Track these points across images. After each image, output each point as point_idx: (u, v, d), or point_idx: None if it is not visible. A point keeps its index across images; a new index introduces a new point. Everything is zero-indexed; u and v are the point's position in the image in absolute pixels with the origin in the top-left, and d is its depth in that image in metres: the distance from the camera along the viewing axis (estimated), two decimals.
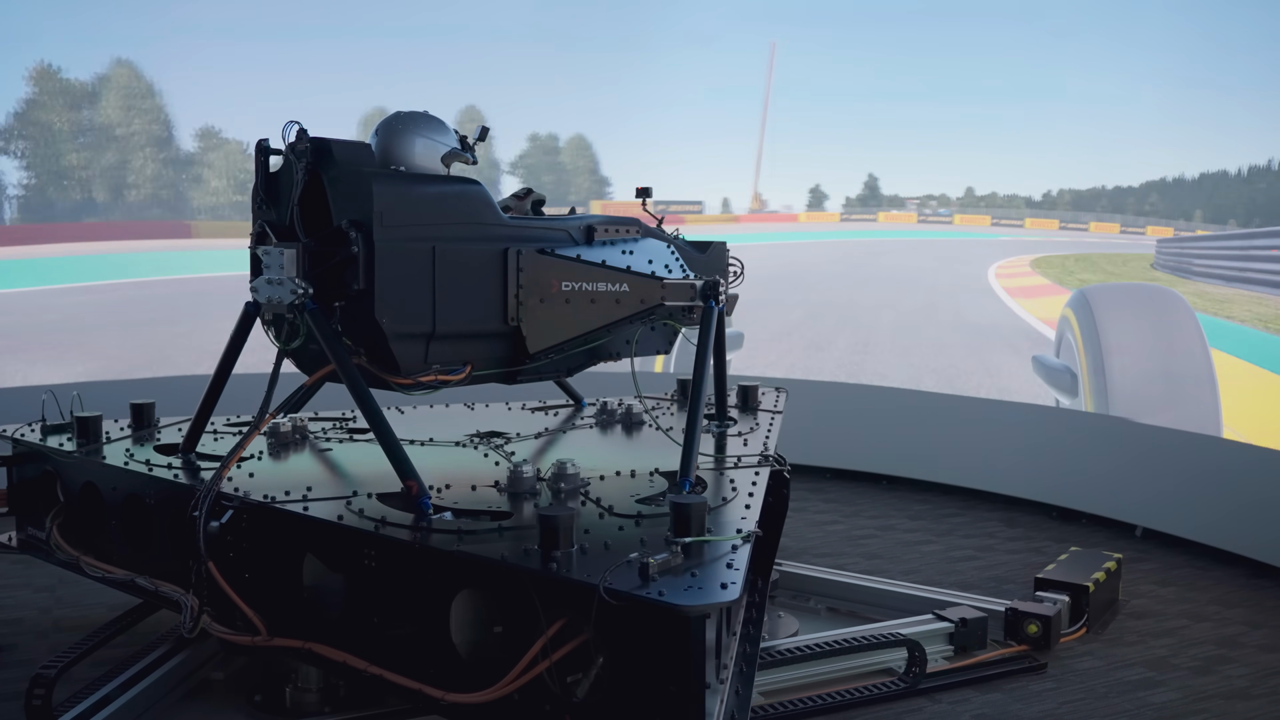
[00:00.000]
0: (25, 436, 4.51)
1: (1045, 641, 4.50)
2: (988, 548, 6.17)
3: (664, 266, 4.33)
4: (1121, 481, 6.64)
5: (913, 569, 5.69)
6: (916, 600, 4.81)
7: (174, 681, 3.91)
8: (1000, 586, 5.37)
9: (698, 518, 2.86)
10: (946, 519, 6.82)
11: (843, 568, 5.51)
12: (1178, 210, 11.96)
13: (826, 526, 6.62)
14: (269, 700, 3.85)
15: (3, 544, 4.70)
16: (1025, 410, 7.59)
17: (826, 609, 5.02)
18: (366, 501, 3.39)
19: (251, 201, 3.89)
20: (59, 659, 3.78)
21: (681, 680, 2.57)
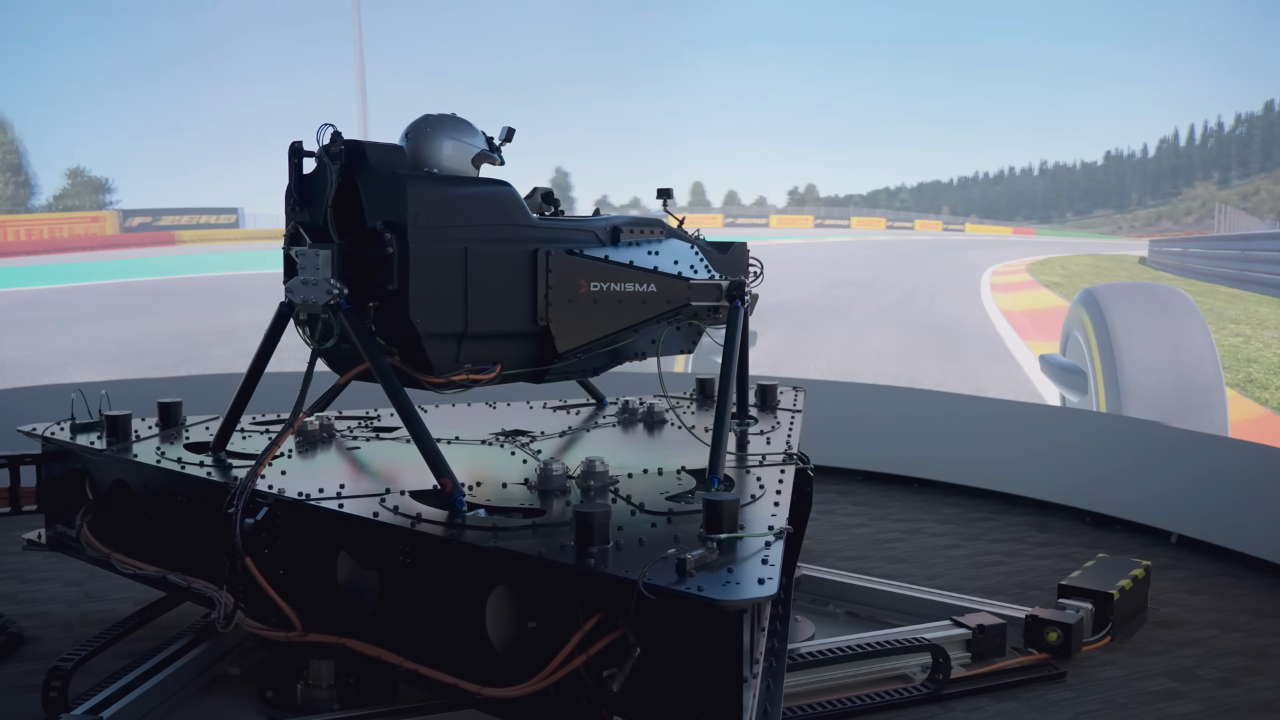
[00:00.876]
0: (55, 435, 4.57)
1: (1066, 650, 4.42)
2: (1016, 553, 6.07)
3: (689, 267, 4.39)
4: (1157, 487, 6.51)
5: (937, 574, 5.62)
6: (935, 606, 4.75)
7: (190, 675, 3.97)
8: (1025, 593, 5.28)
9: (730, 515, 2.91)
10: (976, 523, 6.73)
11: (865, 571, 5.45)
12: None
13: (853, 530, 6.57)
14: (280, 696, 3.89)
15: (32, 541, 4.77)
16: (1060, 414, 7.48)
17: (845, 613, 4.97)
18: (400, 499, 3.44)
19: (285, 203, 3.95)
20: (76, 652, 3.86)
21: (719, 674, 2.60)
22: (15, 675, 4.19)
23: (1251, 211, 19.70)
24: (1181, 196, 24.07)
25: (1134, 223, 24.59)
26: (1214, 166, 22.69)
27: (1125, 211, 24.40)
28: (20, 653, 4.46)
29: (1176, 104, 16.60)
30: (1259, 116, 20.03)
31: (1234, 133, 20.80)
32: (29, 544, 4.79)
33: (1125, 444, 6.81)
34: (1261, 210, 19.27)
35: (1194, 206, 23.07)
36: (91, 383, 5.04)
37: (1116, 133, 20.57)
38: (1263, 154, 20.21)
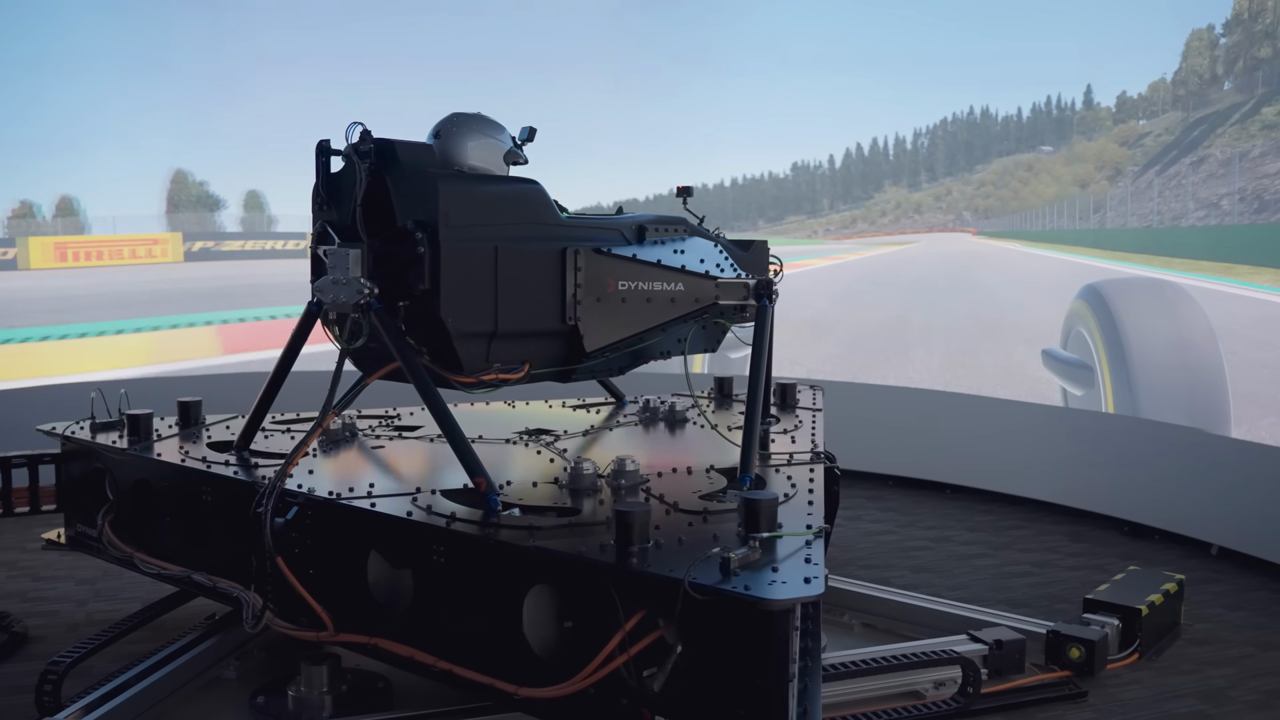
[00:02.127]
0: (75, 434, 4.56)
1: (1089, 667, 4.22)
2: (1046, 563, 5.86)
3: (715, 265, 4.37)
4: (1198, 496, 6.25)
5: (961, 584, 5.44)
6: (954, 619, 4.57)
7: (184, 678, 3.92)
8: (1053, 606, 5.08)
9: (769, 514, 2.87)
10: (1007, 531, 6.52)
11: (886, 581, 5.28)
12: None
13: (879, 537, 6.39)
14: (271, 702, 3.83)
15: (52, 540, 4.75)
16: (1097, 419, 7.23)
17: (861, 625, 4.81)
18: (432, 498, 3.41)
19: (311, 202, 3.92)
20: (70, 653, 3.85)
21: (765, 674, 2.57)
22: (14, 675, 4.18)
23: (945, 210, 26.08)
24: (874, 200, 28.77)
25: (829, 225, 28.68)
26: (903, 172, 28.34)
27: (818, 216, 28.46)
28: (23, 652, 4.45)
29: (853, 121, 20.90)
30: (938, 127, 27.03)
31: (918, 143, 27.80)
32: (48, 543, 4.78)
33: (1165, 451, 6.55)
34: (957, 208, 25.23)
35: (889, 208, 28.31)
36: (109, 381, 5.03)
37: (802, 147, 25.37)
38: (947, 160, 26.85)
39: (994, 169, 24.39)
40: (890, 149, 29.17)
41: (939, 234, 25.47)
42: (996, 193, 24.29)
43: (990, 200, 24.72)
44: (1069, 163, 20.95)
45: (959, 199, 25.97)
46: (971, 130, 25.19)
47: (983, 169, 25.42)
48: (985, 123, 24.54)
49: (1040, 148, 21.92)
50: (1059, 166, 21.81)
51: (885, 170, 28.96)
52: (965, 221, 25.80)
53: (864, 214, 28.38)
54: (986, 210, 25.05)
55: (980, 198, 25.36)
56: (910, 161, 28.26)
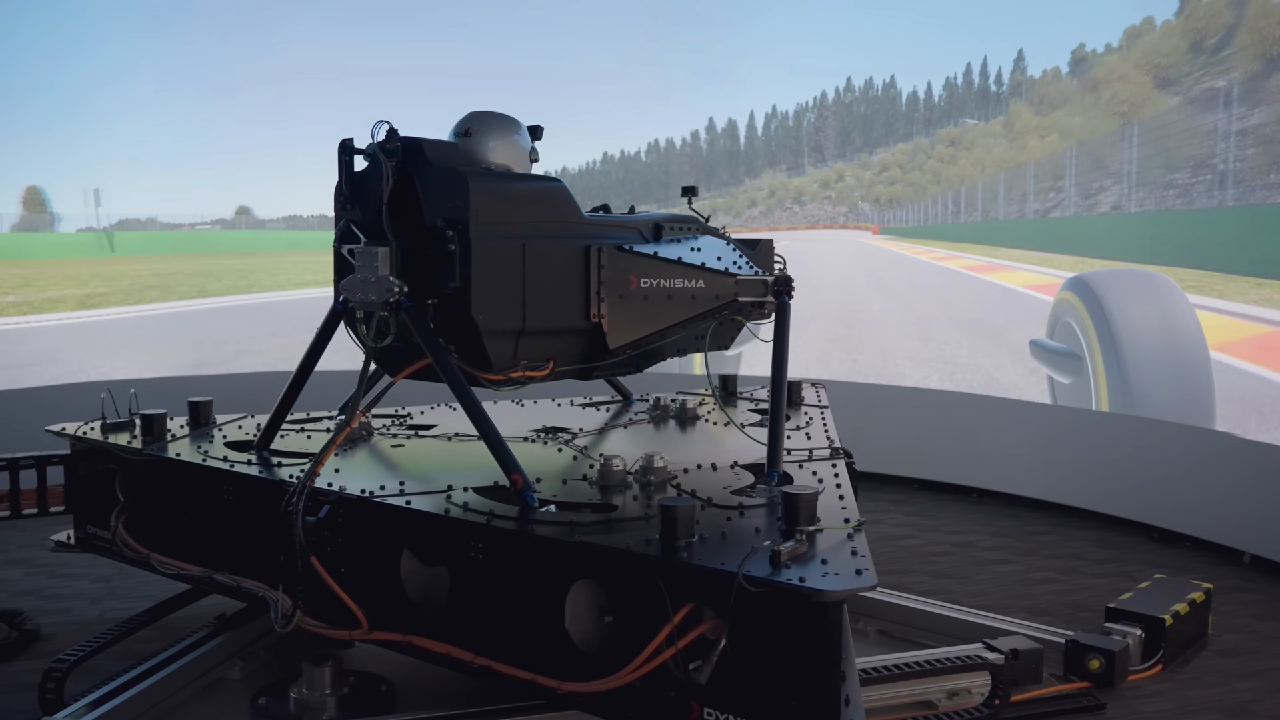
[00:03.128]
0: (87, 435, 4.53)
1: (1109, 678, 4.10)
2: (1072, 570, 5.73)
3: (732, 263, 4.37)
4: (1230, 502, 6.08)
5: (982, 591, 5.33)
6: (970, 626, 4.46)
7: (187, 678, 3.90)
8: (1076, 614, 4.96)
9: (809, 508, 2.89)
10: (1032, 537, 6.39)
11: (905, 587, 5.17)
12: None
13: (900, 541, 6.28)
14: (273, 703, 3.80)
15: (61, 542, 4.75)
16: (1128, 423, 7.06)
17: (876, 632, 4.71)
18: (467, 495, 3.41)
19: (334, 200, 3.91)
20: (73, 652, 3.86)
21: (819, 666, 2.59)
22: (24, 673, 4.17)
23: (836, 200, 21.58)
24: (744, 186, 23.67)
25: None
26: (782, 154, 22.93)
27: (669, 204, 24.49)
28: (34, 649, 4.47)
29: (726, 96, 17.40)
30: (830, 102, 21.88)
31: (802, 120, 22.50)
32: (58, 545, 4.78)
33: (1197, 455, 6.38)
34: (851, 198, 21.68)
35: (760, 196, 23.43)
36: (119, 380, 5.03)
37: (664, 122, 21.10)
38: (840, 140, 21.77)
39: (902, 150, 20.14)
40: (766, 126, 23.22)
41: (824, 230, 21.19)
42: (905, 177, 20.06)
43: (896, 188, 20.44)
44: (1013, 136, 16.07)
45: (853, 186, 21.52)
46: (872, 105, 20.79)
47: (886, 151, 20.89)
48: (889, 97, 20.25)
49: (963, 120, 18.08)
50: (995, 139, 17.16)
51: (759, 151, 23.30)
52: (862, 215, 21.48)
53: (728, 203, 22.81)
54: (891, 200, 20.95)
55: (882, 184, 20.78)
56: (791, 141, 22.80)
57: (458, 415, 4.89)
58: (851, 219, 21.96)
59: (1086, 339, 8.30)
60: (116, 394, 4.69)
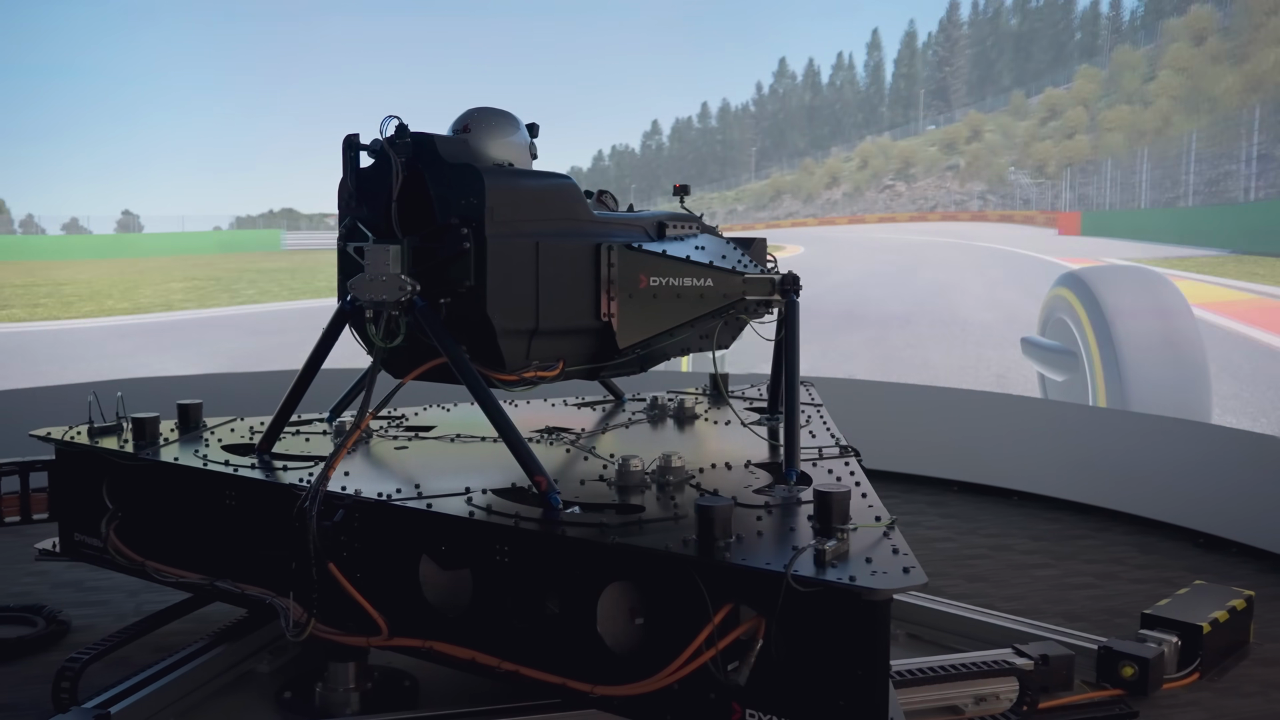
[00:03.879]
0: (74, 439, 4.37)
1: (1143, 687, 4.01)
2: (1110, 575, 5.62)
3: (737, 262, 4.31)
4: (1277, 508, 5.93)
5: (1016, 595, 5.24)
6: (1002, 631, 4.39)
7: (213, 672, 3.95)
8: (1112, 620, 4.86)
9: (841, 506, 2.86)
10: (1072, 541, 6.27)
11: (938, 591, 5.08)
12: None
13: (935, 544, 6.20)
14: (298, 698, 3.84)
15: (46, 550, 4.59)
16: (1173, 425, 6.92)
17: (906, 635, 4.65)
18: (488, 497, 3.39)
19: (338, 197, 3.84)
20: (89, 649, 3.89)
21: (868, 664, 2.58)
22: (52, 665, 4.22)
23: (966, 171, 14.13)
24: (830, 154, 16.95)
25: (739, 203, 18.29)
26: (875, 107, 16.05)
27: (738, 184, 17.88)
28: (65, 642, 4.54)
29: None
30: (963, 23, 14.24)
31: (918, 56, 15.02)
32: (42, 554, 4.61)
33: (1244, 459, 6.24)
34: (994, 166, 13.63)
35: (848, 170, 16.82)
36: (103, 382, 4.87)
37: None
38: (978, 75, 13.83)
39: (1088, 78, 11.71)
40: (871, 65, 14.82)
41: (947, 223, 13.07)
42: (1103, 118, 11.32)
43: (1076, 144, 11.82)
44: None
45: (997, 146, 12.54)
46: (1030, 19, 12.44)
47: (1060, 84, 12.47)
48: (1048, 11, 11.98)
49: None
50: None
51: (852, 105, 15.32)
52: (1016, 195, 12.54)
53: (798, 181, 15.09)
54: (1073, 162, 12.25)
55: (1053, 137, 12.08)
56: (900, 85, 14.38)
57: (454, 416, 4.92)
58: (996, 202, 13.16)
59: (1083, 336, 8.19)
60: (103, 396, 4.49)
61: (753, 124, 15.97)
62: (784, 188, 15.44)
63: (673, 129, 17.88)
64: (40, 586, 5.23)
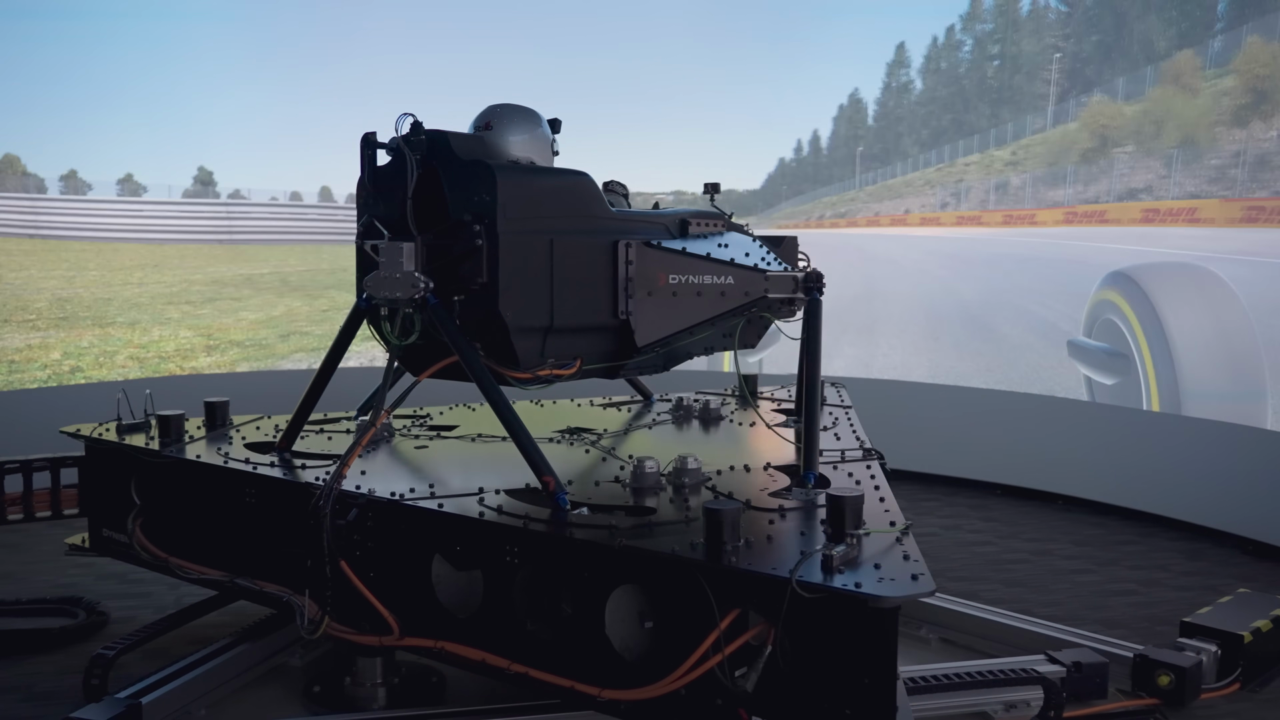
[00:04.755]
0: (102, 436, 4.43)
1: (1180, 696, 3.92)
2: (1154, 582, 5.50)
3: (761, 259, 4.29)
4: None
5: (1055, 601, 5.15)
6: (1036, 638, 4.31)
7: (245, 665, 4.01)
8: (1153, 628, 4.76)
9: (855, 511, 2.85)
10: (1116, 546, 6.15)
11: (974, 595, 5.03)
12: None
13: (975, 548, 6.12)
14: (326, 692, 3.88)
15: (75, 545, 4.64)
16: (1223, 430, 6.76)
17: (939, 640, 4.59)
18: (500, 498, 3.39)
19: (356, 195, 3.86)
20: (120, 641, 4.00)
21: (875, 672, 2.55)
22: (90, 655, 4.32)
23: None
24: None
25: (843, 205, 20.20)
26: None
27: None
28: (104, 633, 4.63)
29: None
30: None
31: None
32: (71, 549, 4.67)
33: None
34: None
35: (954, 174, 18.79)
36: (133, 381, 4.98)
37: None
38: None
39: None
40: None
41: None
42: None
43: None
44: None
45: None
46: None
47: None
48: None
49: None
50: None
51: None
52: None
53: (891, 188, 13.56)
54: None
55: None
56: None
57: (478, 416, 4.91)
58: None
59: (1133, 337, 7.99)
60: (133, 395, 4.57)
61: (1058, 27, 10.78)
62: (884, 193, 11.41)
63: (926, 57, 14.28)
64: (85, 579, 5.34)
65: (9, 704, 3.94)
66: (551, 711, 3.41)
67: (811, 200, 22.35)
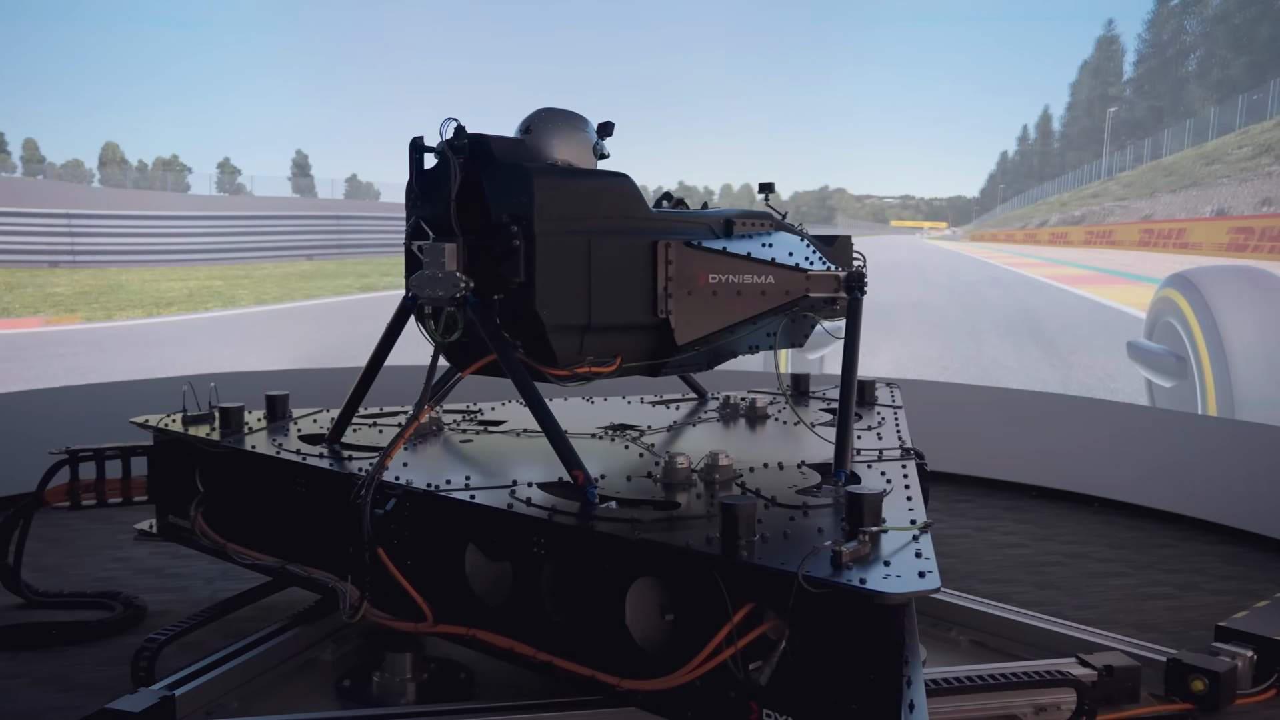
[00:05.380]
0: (168, 426, 4.66)
1: (1214, 701, 3.87)
2: (1191, 586, 5.43)
3: (804, 259, 4.30)
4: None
5: (1089, 604, 5.09)
6: (1068, 640, 4.27)
7: (278, 659, 4.06)
8: (1188, 633, 4.70)
9: (874, 508, 2.86)
10: (1153, 550, 6.07)
11: (1006, 597, 4.99)
12: None
13: (1008, 550, 6.06)
14: (356, 687, 3.92)
15: (143, 531, 4.89)
16: (1263, 432, 6.65)
17: (969, 642, 4.56)
18: (531, 490, 3.48)
19: (405, 197, 3.99)
20: (168, 629, 4.08)
21: (880, 669, 2.55)
22: (128, 647, 4.36)
23: None
24: None
25: None
26: None
27: None
28: (143, 625, 4.71)
29: None
30: None
31: None
32: (140, 534, 4.92)
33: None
34: None
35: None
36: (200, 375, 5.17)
37: None
38: None
39: None
40: None
41: None
42: None
43: None
44: None
45: None
46: None
47: None
48: None
49: None
50: None
51: None
52: None
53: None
54: None
55: None
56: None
57: (517, 411, 5.02)
58: None
59: (1191, 340, 7.89)
60: (200, 388, 4.80)
61: None
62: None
63: None
64: (123, 572, 5.44)
65: (47, 695, 4.02)
66: (590, 708, 3.42)
67: (1032, 202, 20.61)
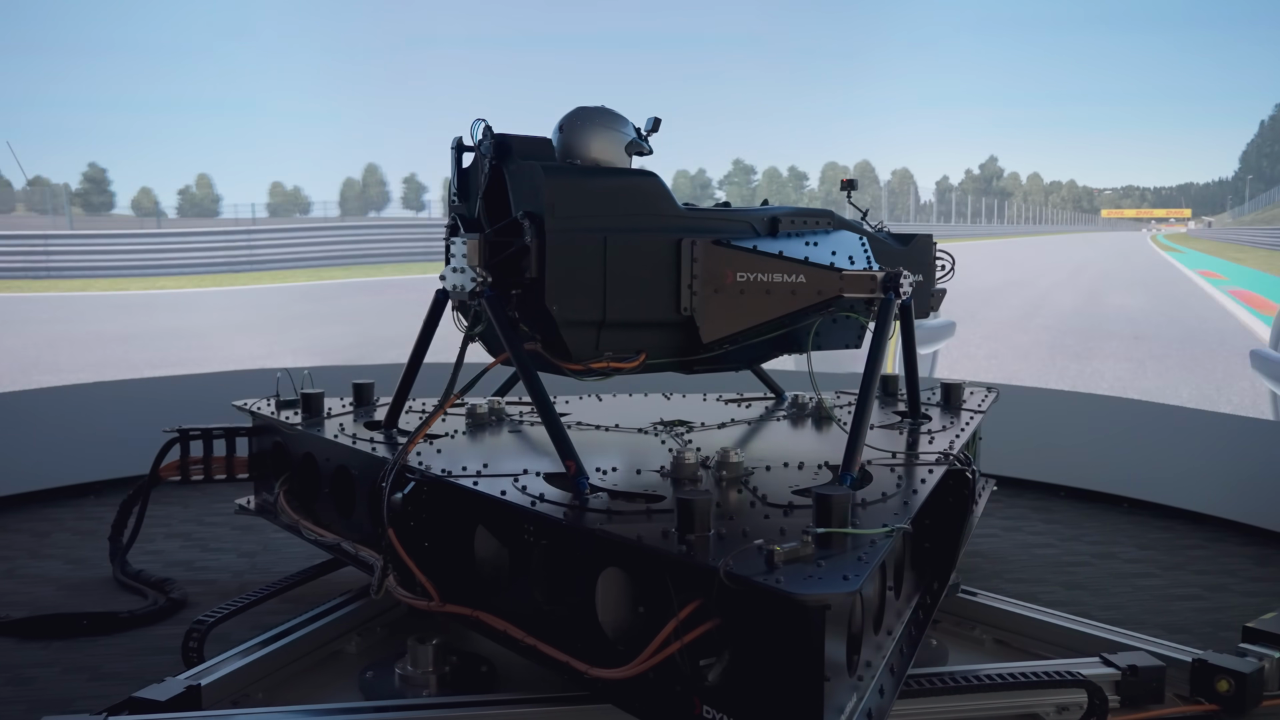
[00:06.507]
0: (262, 410, 5.13)
1: (1240, 703, 3.83)
2: (1220, 587, 5.37)
3: (848, 258, 4.26)
4: None
5: (1116, 604, 5.05)
6: (1092, 640, 4.23)
7: (303, 650, 4.10)
8: (1216, 634, 4.64)
9: (839, 510, 2.85)
10: (1183, 551, 6.01)
11: (1032, 597, 4.95)
12: None
13: (1036, 550, 6.02)
14: (378, 678, 3.97)
15: (243, 506, 5.29)
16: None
17: (993, 641, 4.54)
18: (532, 479, 3.59)
19: (445, 196, 4.22)
20: (215, 611, 4.27)
21: (800, 671, 2.57)
22: (172, 635, 4.43)
23: None
24: None
25: None
26: None
27: None
28: (180, 616, 4.79)
29: None
30: None
31: None
32: (240, 509, 5.31)
33: None
34: None
35: None
36: (297, 367, 5.45)
37: None
38: None
39: None
40: None
41: None
42: None
43: None
44: None
45: None
46: None
47: None
48: None
49: None
50: None
51: None
52: None
53: None
54: None
55: None
56: None
57: (600, 406, 5.27)
58: None
59: None
60: (299, 377, 5.26)
61: None
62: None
63: None
64: (154, 565, 5.52)
65: (77, 683, 4.10)
66: (590, 703, 3.42)
67: None
